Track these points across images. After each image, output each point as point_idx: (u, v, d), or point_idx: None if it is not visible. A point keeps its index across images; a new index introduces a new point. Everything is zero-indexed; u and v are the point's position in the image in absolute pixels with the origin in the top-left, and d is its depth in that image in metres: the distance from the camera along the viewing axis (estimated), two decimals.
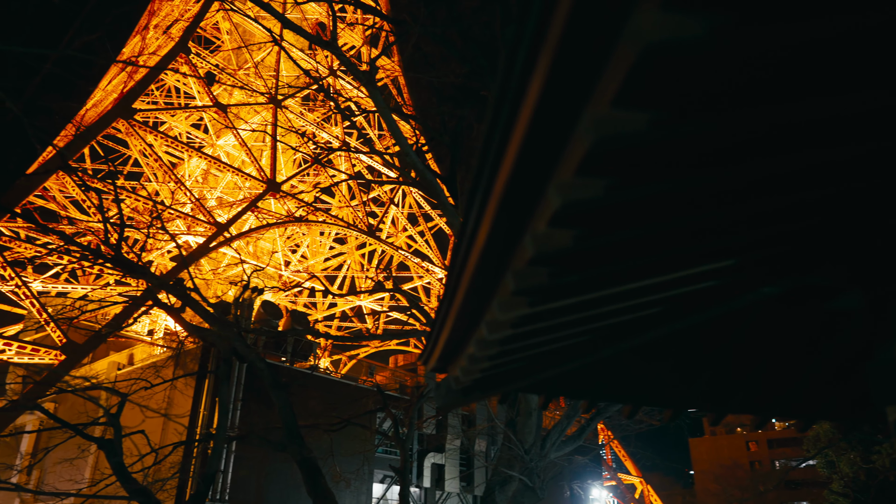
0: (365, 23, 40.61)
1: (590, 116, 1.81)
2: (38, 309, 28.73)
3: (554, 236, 2.37)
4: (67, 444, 14.96)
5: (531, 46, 1.78)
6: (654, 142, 1.89)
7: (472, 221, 2.72)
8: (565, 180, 2.08)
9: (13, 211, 19.78)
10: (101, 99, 45.98)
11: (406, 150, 13.64)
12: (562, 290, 2.96)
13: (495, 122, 2.14)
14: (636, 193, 2.20)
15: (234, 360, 17.63)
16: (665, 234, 2.64)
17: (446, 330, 3.79)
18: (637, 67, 1.58)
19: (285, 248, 49.09)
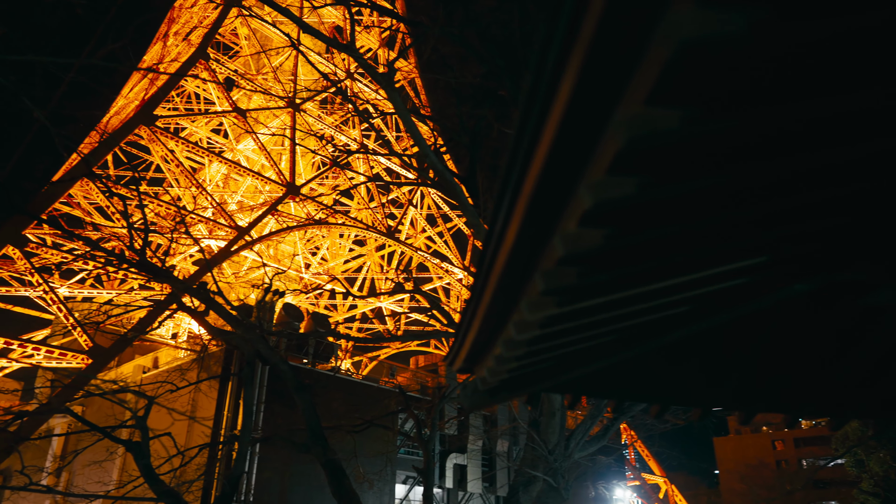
0: (381, 25, 40.74)
1: (622, 115, 1.80)
2: (64, 314, 29.21)
3: (584, 236, 2.35)
4: (96, 446, 15.20)
5: (563, 45, 1.78)
6: (686, 139, 1.87)
7: (500, 222, 2.72)
8: (597, 179, 2.07)
9: (40, 218, 20.13)
10: (124, 106, 46.65)
11: (426, 152, 13.66)
12: (591, 290, 2.95)
13: (525, 122, 2.13)
14: (668, 191, 2.18)
15: (258, 362, 17.78)
16: (695, 231, 2.61)
17: (473, 330, 3.79)
18: (671, 65, 1.56)
19: (305, 251, 49.41)
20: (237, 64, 45.72)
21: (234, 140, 49.59)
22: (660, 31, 1.52)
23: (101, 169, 40.43)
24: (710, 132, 1.88)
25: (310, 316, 39.56)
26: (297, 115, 42.40)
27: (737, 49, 1.54)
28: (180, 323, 40.72)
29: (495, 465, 32.95)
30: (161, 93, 37.22)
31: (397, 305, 50.51)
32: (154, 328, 24.36)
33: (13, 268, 33.21)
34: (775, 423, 79.79)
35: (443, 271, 49.19)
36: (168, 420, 17.79)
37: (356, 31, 46.06)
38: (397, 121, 49.75)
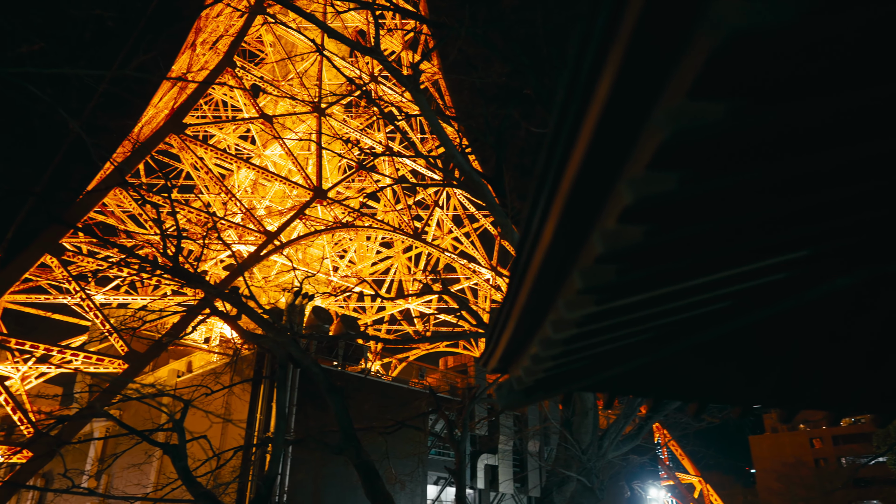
0: (404, 27, 40.88)
1: (664, 108, 1.77)
2: (101, 320, 29.84)
3: (624, 233, 2.32)
4: (134, 449, 15.52)
5: (603, 36, 1.75)
6: (730, 132, 1.83)
7: (536, 220, 2.69)
8: (637, 175, 2.04)
9: (76, 227, 20.62)
10: (154, 115, 47.53)
11: (452, 152, 13.67)
12: (630, 287, 2.91)
13: (563, 117, 2.11)
14: (709, 186, 2.14)
15: (290, 365, 17.95)
16: (737, 225, 2.56)
17: (508, 330, 3.77)
18: (717, 55, 1.53)
19: (333, 254, 49.80)
20: (263, 70, 46.28)
21: (261, 146, 50.21)
22: (706, 19, 1.49)
23: (134, 178, 41.25)
24: (754, 124, 1.84)
25: (339, 318, 39.89)
26: (322, 120, 42.77)
27: (785, 37, 1.51)
28: (213, 327, 41.33)
29: (527, 466, 32.80)
30: (190, 101, 37.85)
31: (425, 307, 50.61)
32: (188, 333, 24.75)
33: (51, 276, 34.07)
34: (813, 421, 78.11)
35: (470, 272, 49.16)
36: (202, 423, 18.08)
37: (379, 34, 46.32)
38: (422, 122, 49.88)
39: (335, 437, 14.31)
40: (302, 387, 23.69)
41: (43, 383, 40.95)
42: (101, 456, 29.29)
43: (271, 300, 39.90)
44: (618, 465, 16.83)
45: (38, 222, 28.84)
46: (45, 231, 29.08)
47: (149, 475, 24.79)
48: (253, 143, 51.59)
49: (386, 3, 16.62)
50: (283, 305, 27.24)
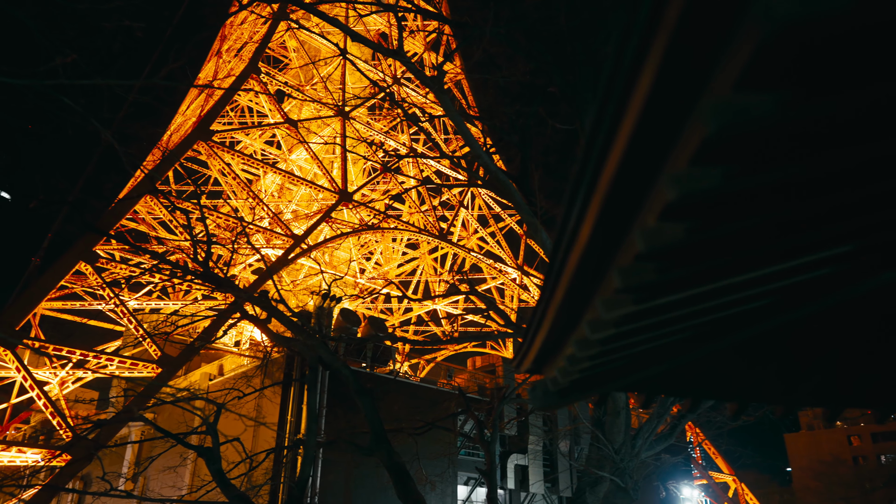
0: (426, 28, 40.93)
1: (709, 101, 1.71)
2: (134, 325, 30.39)
3: (665, 230, 2.26)
4: (169, 452, 15.75)
5: (645, 27, 1.70)
6: (778, 125, 1.77)
7: (573, 218, 2.65)
8: (680, 171, 1.98)
9: (109, 234, 21.02)
10: (182, 123, 48.28)
11: (478, 152, 13.62)
12: (670, 285, 2.84)
13: (602, 112, 2.06)
14: (755, 180, 2.07)
15: (319, 367, 18.07)
16: (782, 220, 2.49)
17: (543, 331, 3.72)
18: (765, 45, 1.48)
19: (360, 256, 50.07)
20: (287, 76, 46.72)
21: (286, 150, 50.69)
22: (756, 5, 1.43)
23: (164, 185, 41.95)
24: (804, 116, 1.77)
25: (366, 320, 40.07)
26: (347, 123, 43.02)
27: (840, 24, 1.44)
28: (243, 331, 41.84)
29: (558, 465, 32.59)
30: (216, 108, 38.36)
31: (452, 307, 50.62)
32: (219, 337, 25.06)
33: (86, 283, 34.82)
34: (851, 418, 76.34)
35: (496, 271, 49.03)
36: (235, 425, 18.28)
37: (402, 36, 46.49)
38: (445, 123, 49.86)
39: (365, 439, 14.35)
40: (332, 389, 23.84)
41: (79, 388, 41.87)
42: (137, 459, 29.82)
43: (300, 303, 40.25)
44: (651, 465, 16.61)
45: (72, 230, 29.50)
46: (79, 239, 29.70)
47: (183, 477, 25.17)
48: (279, 147, 52.12)
49: (408, 4, 16.63)
50: (311, 308, 27.45)
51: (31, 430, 41.07)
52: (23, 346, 27.77)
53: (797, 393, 4.58)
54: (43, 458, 25.70)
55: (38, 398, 26.64)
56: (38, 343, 29.47)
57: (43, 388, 27.22)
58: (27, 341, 28.51)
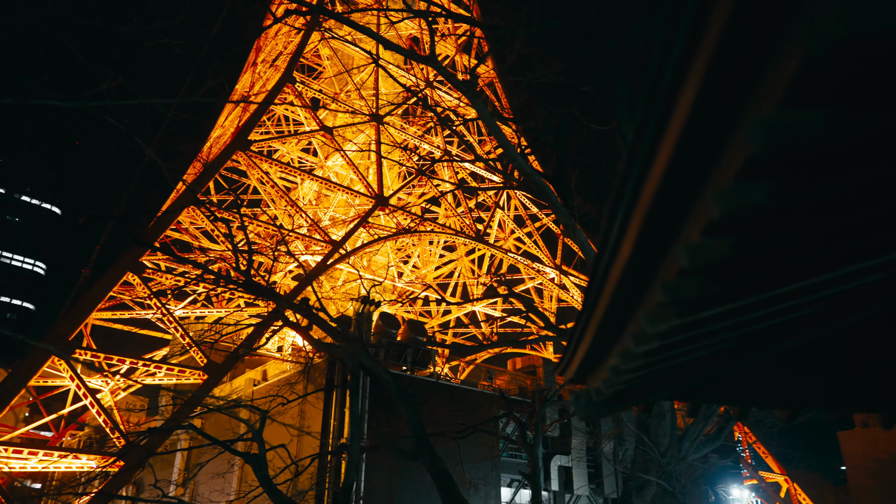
0: (457, 31, 40.97)
1: (754, 118, 1.67)
2: (181, 334, 31.13)
3: (709, 246, 2.22)
4: (217, 459, 16.10)
5: (687, 43, 1.67)
6: (826, 141, 1.72)
7: (614, 234, 2.62)
8: (724, 187, 1.94)
9: (153, 246, 21.62)
10: (220, 135, 49.32)
11: (512, 155, 13.58)
12: (715, 299, 2.79)
13: (643, 127, 2.04)
14: (803, 195, 2.02)
15: (361, 372, 18.24)
16: (830, 232, 2.42)
17: (585, 342, 3.69)
18: (810, 65, 1.44)
19: (397, 260, 50.33)
20: (322, 84, 47.31)
21: (322, 157, 51.30)
22: (800, 25, 1.40)
23: (204, 195, 42.91)
24: (853, 132, 1.72)
25: (406, 323, 40.27)
26: (381, 128, 43.34)
27: (887, 43, 1.40)
28: (285, 337, 42.46)
29: (601, 466, 32.20)
30: (253, 119, 39.08)
31: (491, 308, 50.47)
32: (262, 344, 25.49)
33: (133, 293, 35.83)
34: None
35: (534, 272, 48.72)
36: (280, 430, 18.57)
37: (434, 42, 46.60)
38: (479, 125, 49.80)
39: (408, 443, 14.43)
40: (373, 394, 24.01)
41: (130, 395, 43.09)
42: (186, 465, 30.52)
43: (340, 309, 40.68)
44: (699, 469, 16.29)
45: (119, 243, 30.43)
46: (126, 251, 30.58)
47: (231, 483, 25.66)
48: (315, 155, 52.79)
49: (439, 10, 16.67)
50: (351, 314, 27.73)
51: (85, 437, 42.42)
52: (76, 356, 28.71)
53: (850, 399, 4.44)
54: (97, 464, 26.53)
55: (91, 406, 27.50)
56: (90, 352, 30.41)
57: (95, 396, 28.09)
58: (80, 351, 29.46)
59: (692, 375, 4.06)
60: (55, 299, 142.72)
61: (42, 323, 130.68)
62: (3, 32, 8.53)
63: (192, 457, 29.57)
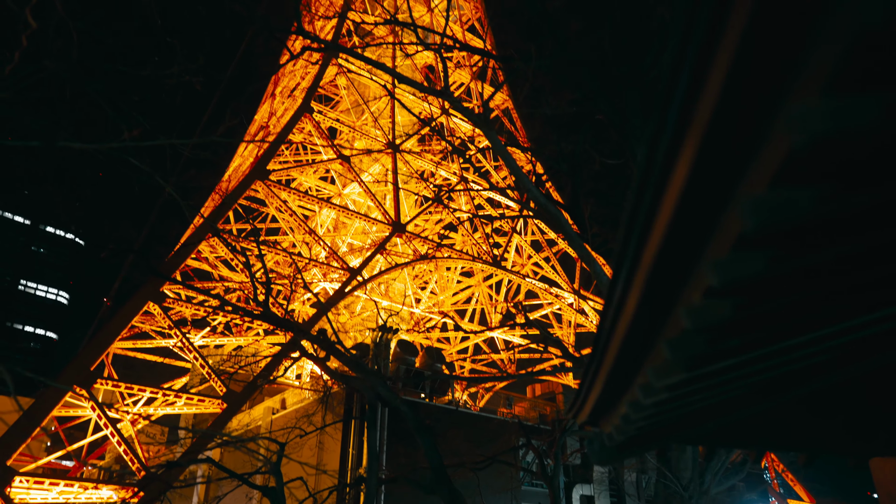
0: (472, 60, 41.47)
1: (745, 197, 1.71)
2: (200, 363, 31.32)
3: (711, 307, 2.24)
4: (236, 491, 16.08)
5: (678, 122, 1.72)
6: (819, 216, 1.75)
7: (619, 290, 2.65)
8: (721, 256, 1.97)
9: (172, 278, 21.93)
10: (240, 165, 50.09)
11: (527, 186, 13.64)
12: (722, 354, 2.80)
13: (638, 203, 2.08)
14: (802, 261, 2.04)
15: (379, 404, 18.20)
16: (834, 290, 2.43)
17: (596, 390, 3.69)
18: (797, 153, 1.48)
19: (415, 287, 50.38)
20: (339, 113, 48.00)
21: (340, 185, 51.83)
22: (782, 121, 1.44)
23: (224, 223, 43.47)
24: (844, 208, 1.75)
25: (424, 350, 40.17)
26: (398, 156, 43.76)
27: (872, 133, 1.43)
28: (304, 365, 42.55)
29: (624, 496, 31.62)
30: (272, 149, 39.68)
31: (510, 334, 50.20)
32: (280, 375, 25.57)
33: (154, 322, 36.21)
34: None
35: (552, 296, 48.49)
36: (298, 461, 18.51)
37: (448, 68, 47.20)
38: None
39: (426, 475, 14.32)
40: (391, 425, 23.92)
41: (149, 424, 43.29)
42: (205, 497, 30.50)
43: (358, 335, 40.74)
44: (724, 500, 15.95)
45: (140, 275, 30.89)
46: (147, 281, 30.99)
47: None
48: (332, 183, 53.35)
49: (453, 43, 16.93)
50: (368, 341, 27.76)
51: (105, 468, 42.61)
52: (97, 385, 29.00)
53: (871, 443, 4.37)
54: (117, 495, 26.61)
55: (112, 436, 27.68)
56: (110, 382, 30.69)
57: (116, 426, 28.28)
58: (101, 381, 29.74)
59: (705, 421, 4.03)
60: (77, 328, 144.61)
61: (65, 352, 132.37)
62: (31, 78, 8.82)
63: (211, 489, 29.55)
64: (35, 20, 8.04)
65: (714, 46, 1.38)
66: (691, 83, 1.54)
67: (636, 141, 14.33)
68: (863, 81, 1.35)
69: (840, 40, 1.21)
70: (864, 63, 1.30)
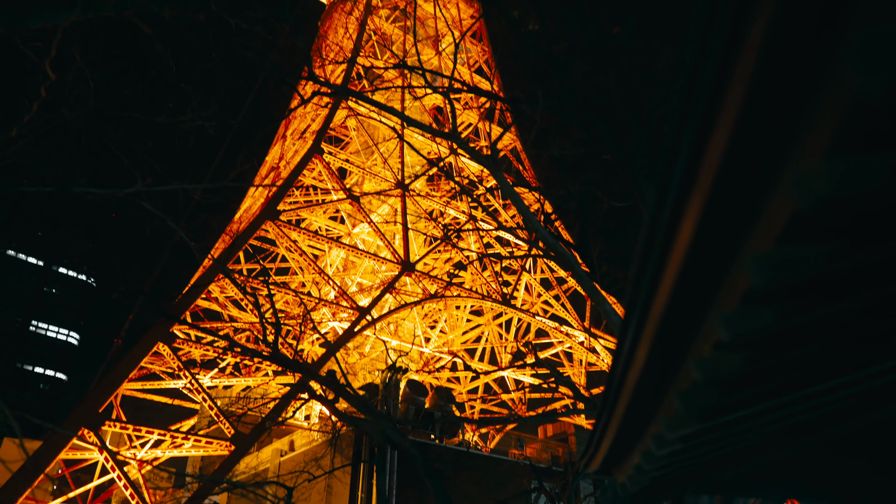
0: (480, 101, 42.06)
1: (752, 254, 1.71)
2: (209, 404, 31.11)
3: (722, 360, 2.23)
4: None
5: (681, 186, 1.74)
6: (827, 273, 1.74)
7: (628, 341, 2.63)
8: (730, 310, 1.97)
9: (181, 319, 21.98)
10: (251, 205, 50.61)
11: (535, 227, 13.68)
12: (735, 405, 2.76)
13: (646, 258, 2.08)
14: (815, 316, 2.03)
15: (388, 447, 17.96)
16: (848, 342, 2.40)
17: (607, 439, 3.64)
18: (800, 215, 1.48)
19: (424, 326, 50.18)
20: (349, 154, 48.62)
21: (349, 225, 52.17)
22: (786, 181, 1.45)
23: (234, 263, 43.71)
24: (855, 264, 1.74)
25: (434, 390, 39.77)
26: (406, 195, 44.11)
27: (875, 197, 1.44)
28: (312, 406, 42.19)
29: None
30: (283, 189, 40.12)
31: (520, 373, 49.70)
32: (288, 417, 25.34)
33: (163, 363, 36.15)
34: None
35: (563, 335, 48.09)
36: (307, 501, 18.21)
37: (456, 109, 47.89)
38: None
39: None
40: (401, 469, 23.55)
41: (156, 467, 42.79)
42: None
43: (367, 376, 40.47)
44: None
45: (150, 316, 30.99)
46: (156, 322, 31.05)
47: None
48: (342, 222, 53.71)
49: (461, 85, 17.22)
50: (378, 381, 27.55)
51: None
52: (105, 427, 28.83)
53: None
54: None
55: (119, 479, 27.38)
56: (119, 424, 30.50)
57: (123, 469, 27.99)
58: (109, 423, 29.57)
59: (721, 470, 3.95)
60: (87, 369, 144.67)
61: (74, 393, 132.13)
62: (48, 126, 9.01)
63: None
64: (54, 71, 8.27)
65: (716, 111, 1.40)
66: (695, 144, 1.56)
67: (644, 181, 14.38)
68: (866, 143, 1.37)
69: (839, 107, 1.22)
70: (865, 126, 1.31)
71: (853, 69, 1.21)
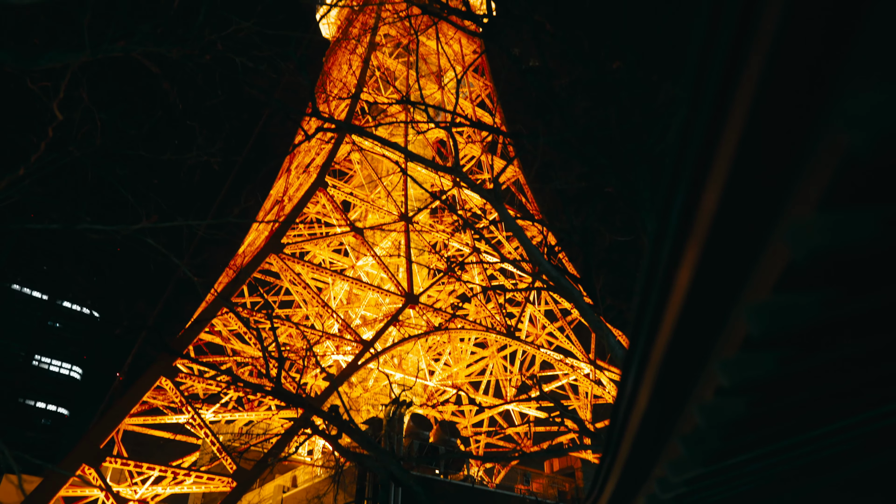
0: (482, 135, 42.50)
1: (748, 303, 1.71)
2: (211, 439, 30.79)
3: (723, 405, 2.21)
4: None
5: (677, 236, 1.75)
6: (826, 319, 1.74)
7: (629, 386, 2.62)
8: (730, 357, 1.96)
9: (184, 355, 21.91)
10: (255, 238, 50.81)
11: (538, 260, 13.69)
12: (739, 449, 2.73)
13: (645, 301, 2.09)
14: (815, 361, 2.02)
15: (392, 483, 17.72)
16: (850, 386, 2.38)
17: (611, 482, 3.59)
18: (795, 265, 1.49)
19: (428, 358, 49.88)
20: (352, 187, 48.98)
21: (353, 258, 52.26)
22: (780, 233, 1.46)
23: (238, 296, 43.69)
24: (852, 311, 1.74)
25: (438, 424, 39.32)
26: (410, 227, 44.27)
27: (869, 246, 1.45)
28: (315, 440, 41.74)
29: None
30: (286, 223, 40.33)
31: (525, 407, 49.18)
32: (291, 453, 25.05)
33: (166, 398, 35.90)
34: None
35: (568, 367, 47.69)
36: None
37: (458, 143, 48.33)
38: None
39: None
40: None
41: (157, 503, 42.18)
42: None
43: (371, 410, 40.08)
44: None
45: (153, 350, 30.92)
46: (159, 357, 30.93)
47: None
48: (346, 255, 53.83)
49: (463, 120, 17.42)
50: (381, 416, 27.28)
51: None
52: (106, 464, 28.51)
53: None
54: None
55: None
56: (120, 460, 30.16)
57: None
58: (111, 458, 29.25)
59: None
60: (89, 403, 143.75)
61: (76, 428, 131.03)
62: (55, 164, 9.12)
63: None
64: (61, 111, 8.40)
65: (708, 165, 1.42)
66: (690, 195, 1.58)
67: (646, 213, 14.43)
68: (858, 197, 1.38)
69: (830, 163, 1.24)
70: (857, 181, 1.33)
71: (843, 125, 1.23)
